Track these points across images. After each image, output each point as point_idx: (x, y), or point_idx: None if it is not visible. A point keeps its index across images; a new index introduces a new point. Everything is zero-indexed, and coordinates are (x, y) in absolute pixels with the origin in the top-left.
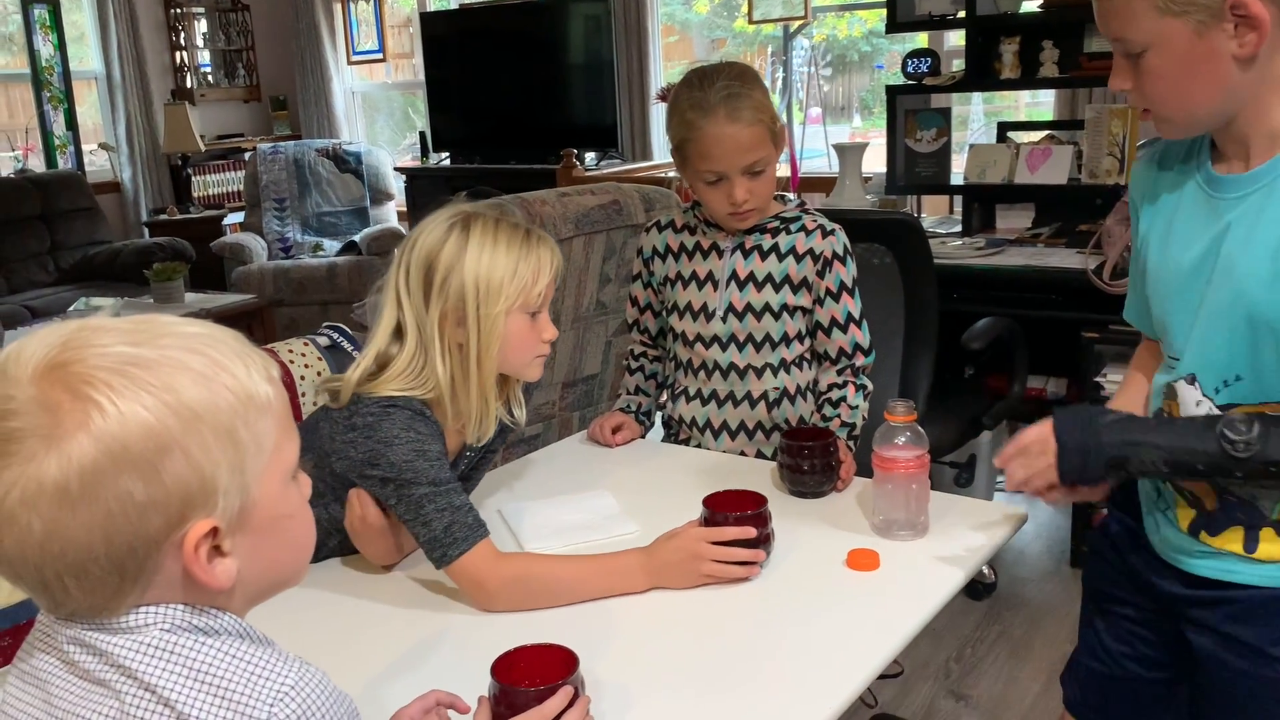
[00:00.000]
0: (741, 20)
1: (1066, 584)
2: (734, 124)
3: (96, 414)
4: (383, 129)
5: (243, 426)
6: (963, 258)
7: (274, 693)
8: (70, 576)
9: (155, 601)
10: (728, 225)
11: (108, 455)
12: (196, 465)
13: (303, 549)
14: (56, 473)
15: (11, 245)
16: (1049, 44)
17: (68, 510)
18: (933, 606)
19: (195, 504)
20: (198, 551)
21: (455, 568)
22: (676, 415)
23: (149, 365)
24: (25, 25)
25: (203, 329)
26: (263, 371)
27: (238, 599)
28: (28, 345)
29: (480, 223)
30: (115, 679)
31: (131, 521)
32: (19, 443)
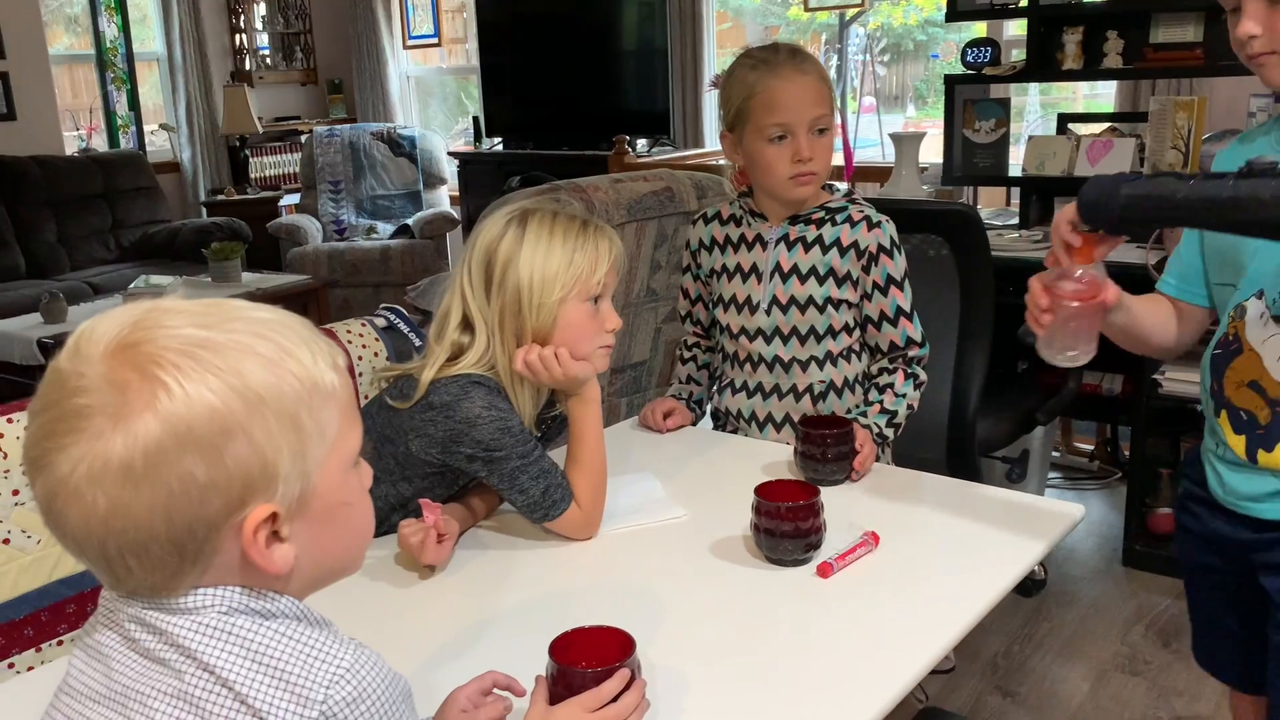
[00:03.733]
0: (796, 8)
1: (1119, 583)
2: (802, 75)
3: (163, 394)
4: (436, 113)
5: (306, 413)
6: (1020, 250)
7: (330, 674)
8: (131, 554)
9: (213, 583)
10: (787, 194)
11: (172, 435)
12: (259, 449)
13: (361, 537)
14: (122, 451)
15: (74, 223)
16: (1113, 34)
17: (131, 488)
18: (985, 603)
19: (256, 488)
20: (256, 536)
21: (557, 522)
22: (724, 408)
23: (217, 348)
24: (91, 7)
25: (271, 314)
26: (329, 359)
27: (295, 584)
28: (100, 323)
29: (537, 217)
30: (174, 658)
31: (193, 502)
32: (88, 419)
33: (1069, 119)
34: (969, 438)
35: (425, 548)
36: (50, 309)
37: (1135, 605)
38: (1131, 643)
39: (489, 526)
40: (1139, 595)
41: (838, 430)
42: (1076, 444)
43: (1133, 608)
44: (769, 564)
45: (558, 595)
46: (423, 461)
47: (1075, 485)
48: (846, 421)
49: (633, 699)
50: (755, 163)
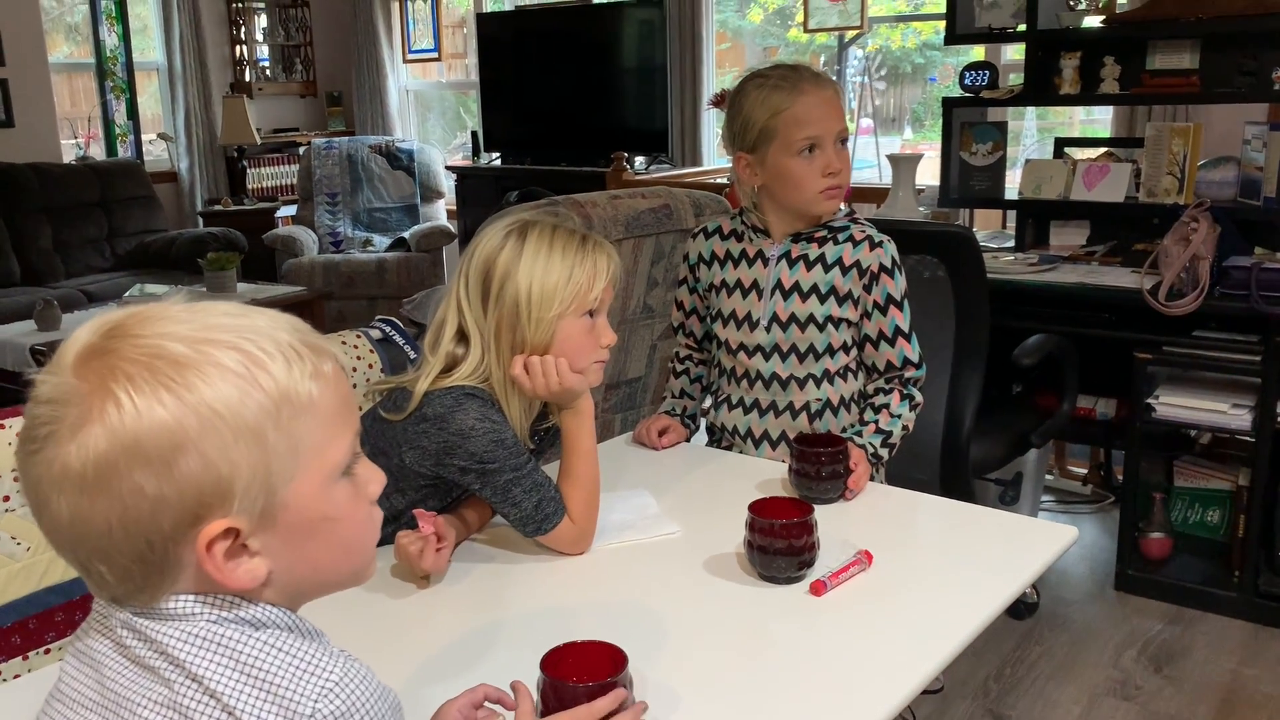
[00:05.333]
0: (795, 29)
1: (1111, 607)
2: (823, 89)
3: (113, 408)
4: (434, 127)
5: (273, 427)
6: (1015, 273)
7: (319, 688)
8: (100, 561)
9: (192, 590)
10: (816, 207)
11: (120, 449)
12: (212, 466)
13: (353, 550)
14: (77, 461)
15: (71, 231)
16: (1110, 60)
17: (86, 498)
18: (978, 624)
19: (210, 504)
20: (211, 550)
21: (550, 536)
22: (719, 423)
23: (178, 361)
24: (92, 15)
25: (257, 321)
26: (309, 369)
27: (274, 595)
28: (83, 329)
29: (536, 230)
30: (163, 666)
31: (145, 516)
32: (52, 426)
33: (1066, 143)
34: (963, 459)
35: (424, 556)
36: (44, 316)
37: (1128, 630)
38: (1124, 667)
39: (482, 540)
40: (1131, 620)
41: (832, 449)
42: (1069, 467)
43: (1125, 632)
44: (762, 581)
45: (550, 610)
46: (416, 474)
47: (1068, 509)
48: (841, 440)
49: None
50: (784, 178)
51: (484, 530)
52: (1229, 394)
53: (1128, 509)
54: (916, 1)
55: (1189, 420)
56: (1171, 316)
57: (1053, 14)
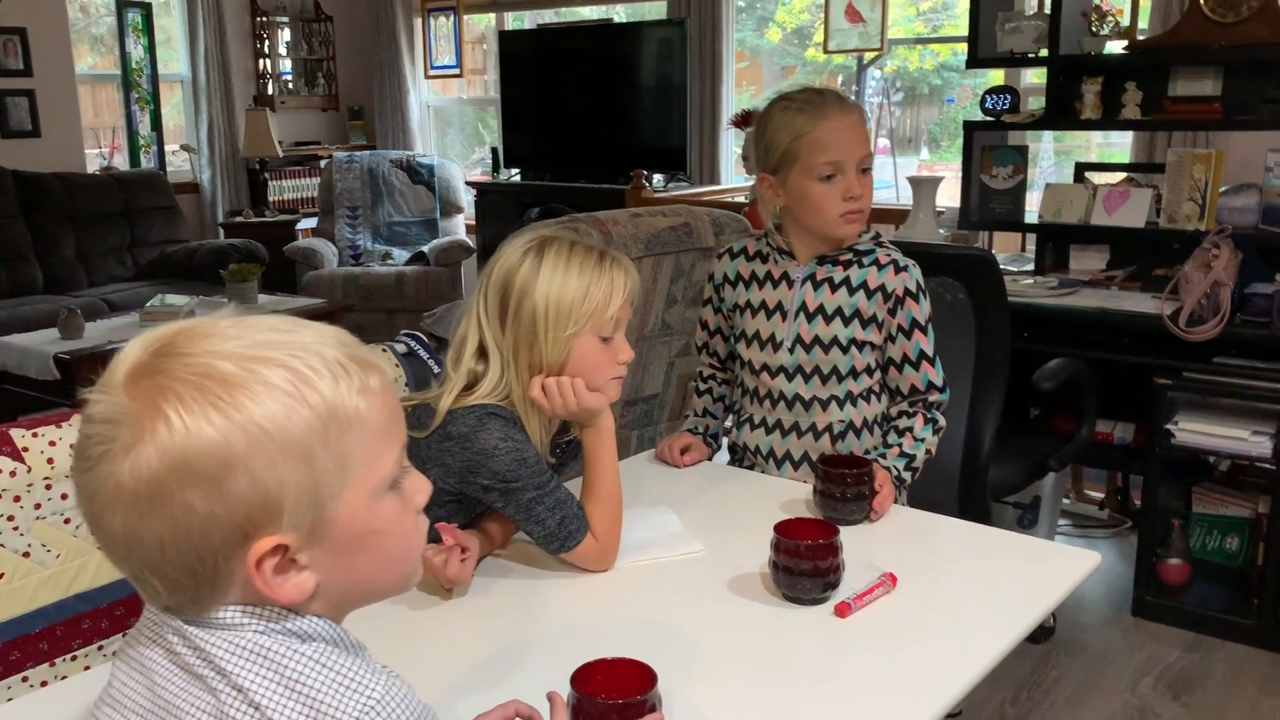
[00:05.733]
0: (813, 49)
1: (1128, 633)
2: (848, 115)
3: (164, 427)
4: (453, 142)
5: (320, 444)
6: (1035, 296)
7: (361, 705)
8: (152, 575)
9: (242, 602)
10: (836, 233)
11: (170, 468)
12: (260, 484)
13: (399, 561)
14: (129, 479)
15: (93, 240)
16: (1132, 85)
17: (138, 515)
18: (1002, 648)
19: (259, 521)
20: (261, 567)
21: (573, 554)
22: (741, 442)
23: (227, 380)
24: (119, 27)
25: (304, 336)
26: (357, 384)
27: (323, 608)
28: (134, 345)
29: (555, 246)
30: (211, 675)
31: (196, 533)
32: (105, 444)
33: (1086, 168)
34: (981, 482)
35: (449, 566)
36: (67, 325)
37: (1145, 656)
38: (1141, 694)
39: (508, 557)
40: (1149, 646)
41: (857, 470)
42: (1087, 491)
43: (1142, 658)
44: (786, 602)
45: (575, 628)
46: (441, 490)
47: (1085, 533)
48: (866, 462)
49: None
50: (804, 202)
51: (508, 548)
52: (1249, 421)
53: (1146, 534)
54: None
55: (1208, 447)
56: (1192, 342)
57: (1074, 39)
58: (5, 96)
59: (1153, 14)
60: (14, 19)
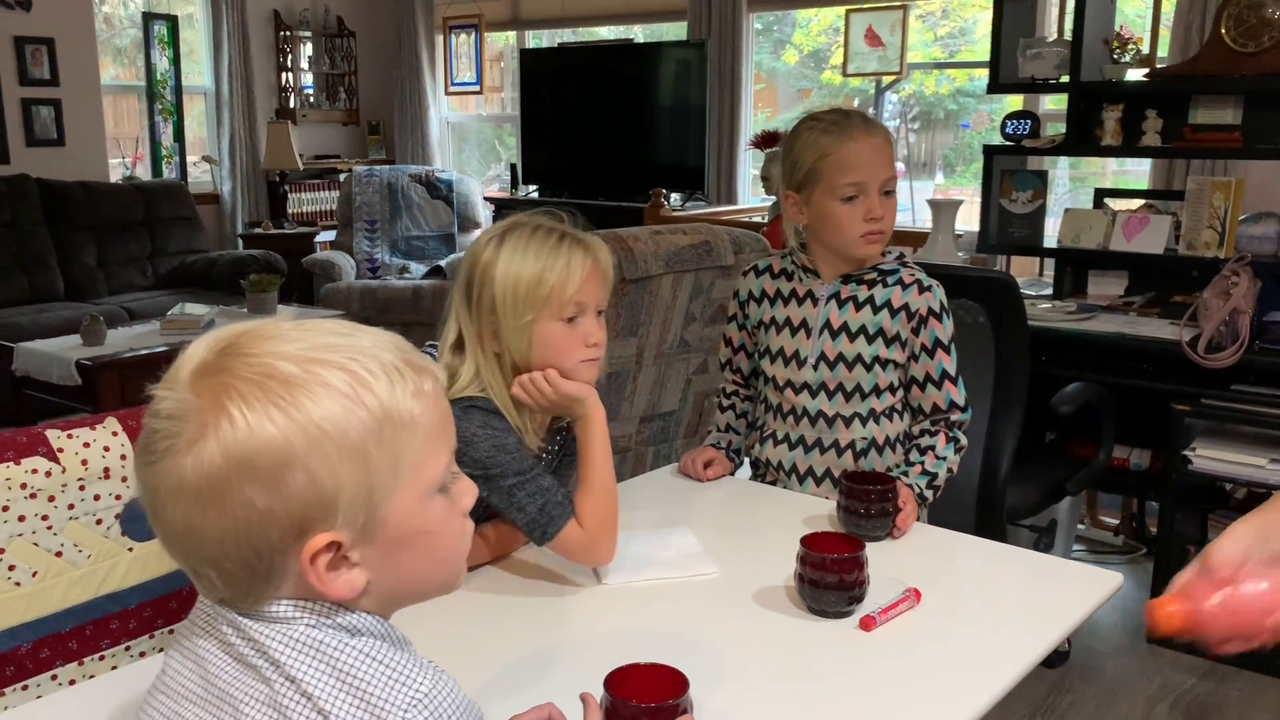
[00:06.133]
0: (829, 72)
1: (1143, 659)
2: (873, 137)
3: (226, 424)
4: (469, 158)
5: (375, 446)
6: (1053, 321)
7: (409, 698)
8: (209, 567)
9: (295, 596)
10: (857, 252)
11: (232, 464)
12: (318, 482)
13: (446, 562)
14: (191, 474)
15: (115, 249)
16: (1152, 113)
17: (199, 509)
18: (1025, 665)
19: (315, 518)
20: (315, 562)
21: (556, 542)
22: (764, 458)
23: (288, 380)
24: (145, 39)
25: (362, 340)
26: (411, 388)
27: (372, 604)
28: (199, 345)
29: (518, 231)
30: (264, 666)
31: (254, 528)
32: (172, 439)
33: (1105, 194)
34: (998, 504)
35: None
36: (90, 331)
37: (1160, 683)
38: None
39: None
40: (1164, 673)
41: (881, 487)
42: (1101, 517)
43: (1157, 685)
44: (811, 614)
45: (601, 636)
46: None
47: (1100, 559)
48: (890, 479)
49: None
50: (825, 221)
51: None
52: (1267, 449)
53: (1162, 561)
54: (951, 49)
55: (1226, 474)
56: (1210, 369)
57: (1095, 66)
58: (32, 105)
59: (1172, 42)
60: (43, 29)
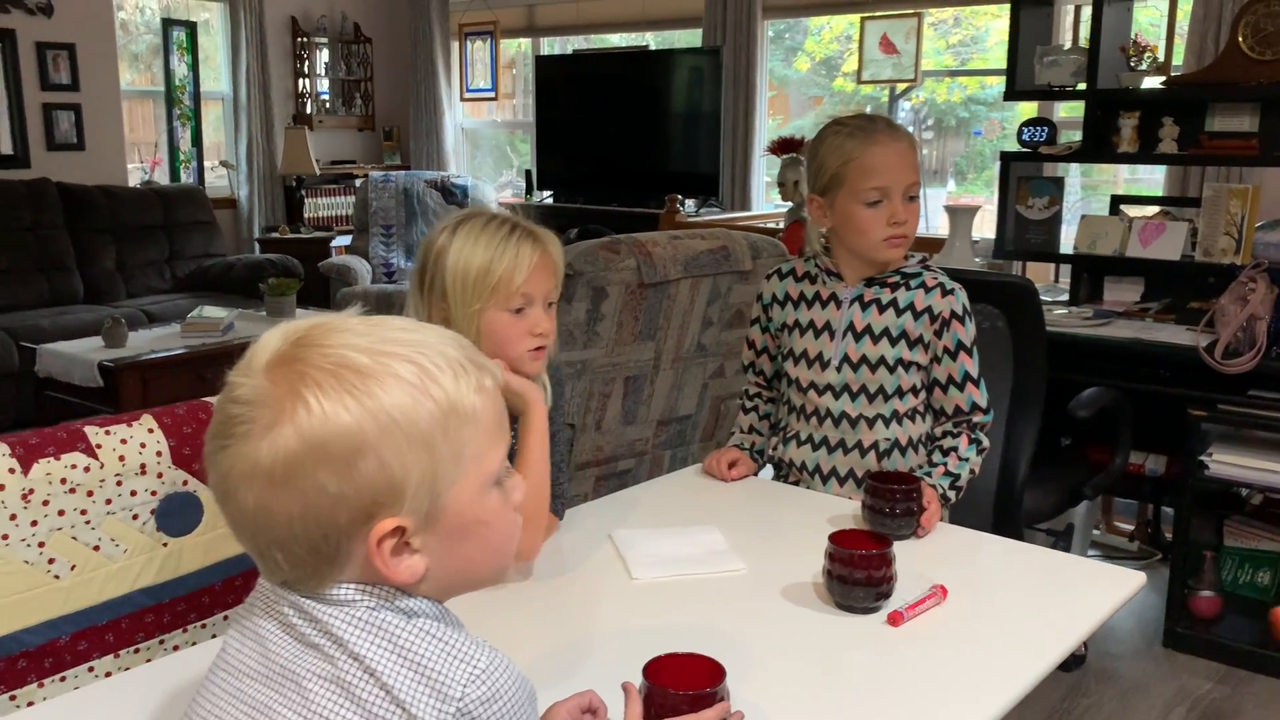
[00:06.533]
0: (841, 79)
1: (1159, 664)
2: (898, 142)
3: (303, 411)
4: (482, 164)
5: (441, 436)
6: (1069, 326)
7: (469, 674)
8: (277, 549)
9: (356, 580)
10: (880, 256)
11: (307, 449)
12: (387, 468)
13: (499, 553)
14: (267, 458)
15: (133, 252)
16: (1169, 120)
17: (271, 492)
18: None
19: (383, 503)
20: (380, 546)
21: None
22: (787, 459)
23: (361, 370)
24: (164, 45)
25: (428, 336)
26: (474, 383)
27: (429, 589)
28: (272, 336)
29: (471, 221)
30: (327, 645)
31: (325, 511)
32: (246, 424)
33: (1121, 200)
34: (1016, 508)
35: None
36: (112, 334)
37: (1176, 687)
38: None
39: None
40: (1180, 677)
41: (906, 486)
42: (1116, 524)
43: (1174, 689)
44: (839, 610)
45: (632, 629)
46: None
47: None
48: (915, 479)
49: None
50: (849, 224)
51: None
52: None
53: (1178, 566)
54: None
55: (1242, 479)
56: (1227, 375)
57: (1112, 74)
58: (53, 110)
59: (1187, 50)
60: (65, 35)
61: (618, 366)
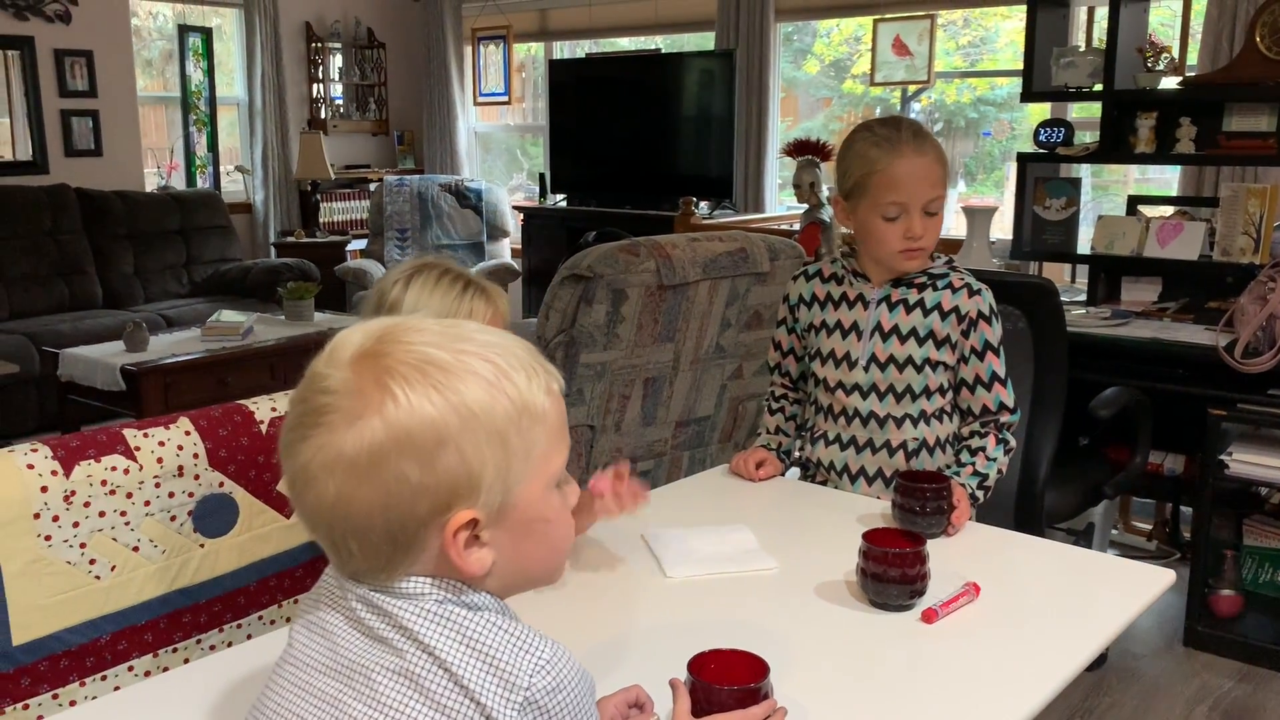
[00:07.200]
0: (850, 81)
1: (1180, 662)
2: (922, 156)
3: (390, 403)
4: (493, 167)
5: (515, 433)
6: (1088, 326)
7: (534, 664)
8: (353, 539)
9: (424, 574)
10: (895, 265)
11: (393, 440)
12: (466, 461)
13: (557, 552)
14: (351, 447)
15: (151, 257)
16: (1186, 121)
17: (355, 481)
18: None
19: (460, 495)
20: (456, 537)
21: None
22: (815, 458)
23: (444, 366)
24: (180, 51)
25: (499, 339)
26: (544, 384)
27: (492, 585)
28: (353, 333)
29: (424, 275)
30: (396, 638)
31: (405, 500)
32: (330, 414)
33: (1139, 201)
34: (1037, 508)
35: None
36: (133, 338)
37: (1198, 685)
38: None
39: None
40: (1201, 676)
41: (936, 485)
42: (1134, 523)
43: (1195, 688)
44: (873, 608)
45: (670, 626)
46: None
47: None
48: (945, 477)
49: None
50: (867, 233)
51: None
52: None
53: (1198, 565)
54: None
55: (1263, 478)
56: (1247, 374)
57: (1129, 74)
58: (71, 117)
59: (1201, 50)
60: (82, 42)
61: (637, 368)
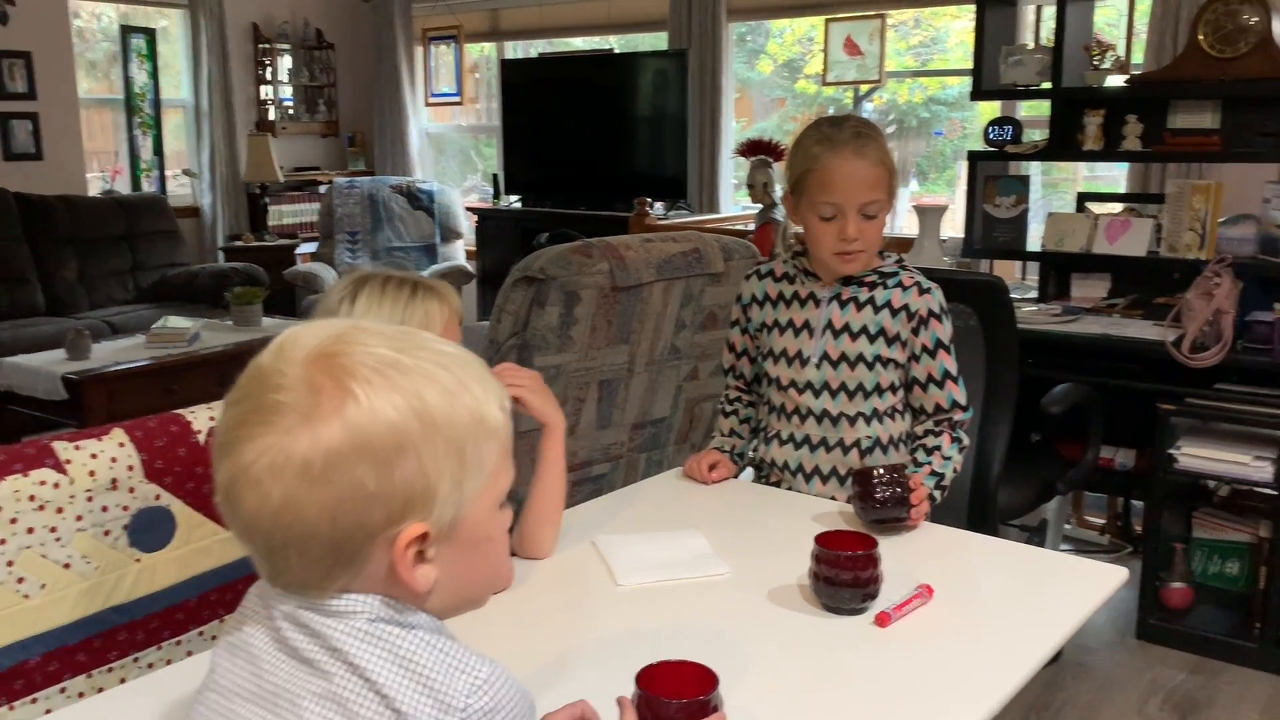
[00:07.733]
0: (804, 81)
1: (1133, 656)
2: (860, 159)
3: (352, 403)
4: (447, 168)
5: (471, 445)
6: (1039, 323)
7: (470, 684)
8: (293, 548)
9: (360, 590)
10: (832, 266)
11: (352, 443)
12: (425, 471)
13: (495, 574)
14: (306, 449)
15: (95, 263)
16: (1133, 118)
17: (305, 486)
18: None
19: (415, 506)
20: (405, 551)
21: None
22: (769, 458)
23: (405, 370)
24: (123, 53)
25: (453, 349)
26: (498, 399)
27: (433, 605)
28: (305, 332)
29: (369, 286)
30: (324, 659)
31: (357, 509)
32: (280, 415)
33: (1087, 198)
34: (991, 505)
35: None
36: (75, 345)
37: (1150, 678)
38: (1148, 715)
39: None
40: (1154, 668)
41: (890, 467)
42: (1086, 517)
43: (1148, 681)
44: (826, 612)
45: (619, 636)
46: None
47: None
48: (899, 465)
49: None
50: (807, 231)
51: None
52: (1251, 446)
53: (1149, 558)
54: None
55: (1211, 471)
56: (1195, 369)
57: (1077, 72)
58: (9, 119)
59: (1147, 49)
60: (21, 43)
61: (592, 371)
